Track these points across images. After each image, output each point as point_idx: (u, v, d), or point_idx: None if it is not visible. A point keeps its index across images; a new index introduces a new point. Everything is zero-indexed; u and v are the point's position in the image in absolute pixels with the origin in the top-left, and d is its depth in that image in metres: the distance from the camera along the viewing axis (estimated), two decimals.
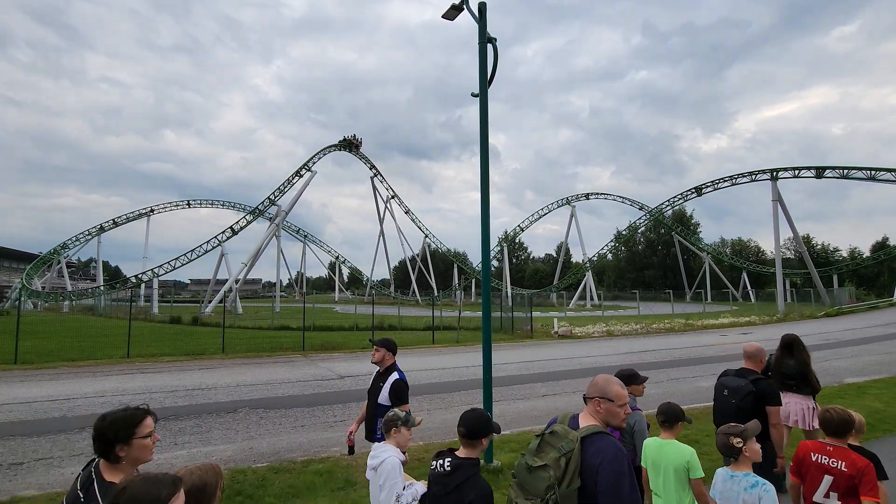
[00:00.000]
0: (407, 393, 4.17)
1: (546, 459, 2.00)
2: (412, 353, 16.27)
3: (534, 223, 58.97)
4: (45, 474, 5.46)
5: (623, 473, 1.91)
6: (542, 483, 1.95)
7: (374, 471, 2.84)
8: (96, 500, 1.72)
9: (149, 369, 12.80)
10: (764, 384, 3.91)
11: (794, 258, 66.19)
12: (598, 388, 2.19)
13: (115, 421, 1.83)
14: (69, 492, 1.84)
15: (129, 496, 1.36)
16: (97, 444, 1.83)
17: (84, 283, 73.43)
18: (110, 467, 1.82)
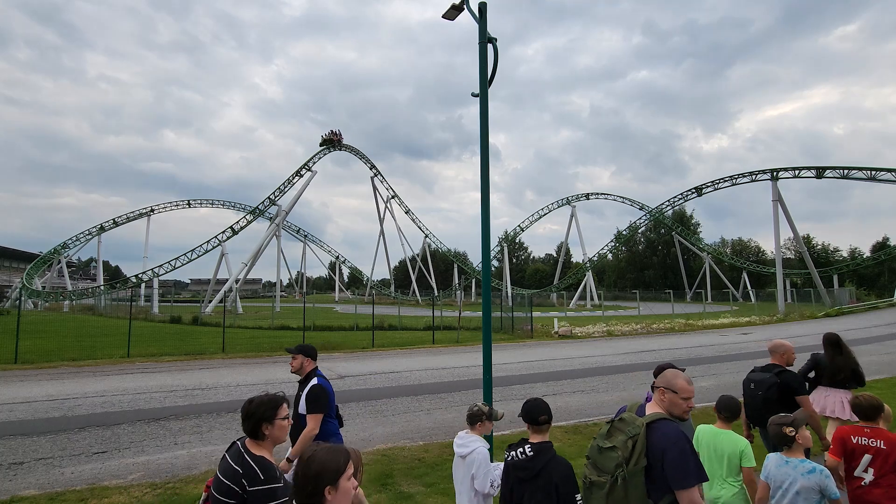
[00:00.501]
0: (325, 399, 3.66)
1: (615, 442, 2.26)
2: (412, 353, 16.27)
3: (534, 223, 59.03)
4: (45, 474, 5.46)
5: (687, 452, 2.15)
6: (611, 462, 2.22)
7: (462, 459, 3.12)
8: (252, 468, 2.01)
9: (149, 369, 12.80)
10: (788, 376, 4.15)
11: (794, 258, 66.21)
12: (666, 379, 2.42)
13: (261, 404, 2.16)
14: (222, 466, 2.13)
15: (319, 461, 1.60)
16: (247, 423, 2.17)
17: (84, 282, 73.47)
18: (256, 444, 2.15)
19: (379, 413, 8.27)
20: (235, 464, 2.05)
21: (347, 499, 1.61)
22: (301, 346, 4.00)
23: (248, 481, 1.98)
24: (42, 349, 15.38)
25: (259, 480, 1.97)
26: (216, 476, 2.12)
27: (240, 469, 2.03)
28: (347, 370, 12.57)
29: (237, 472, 2.02)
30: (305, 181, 46.65)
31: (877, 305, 38.25)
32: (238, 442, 2.20)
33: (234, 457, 2.10)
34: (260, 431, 2.15)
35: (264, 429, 2.15)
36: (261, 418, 2.15)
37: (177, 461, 5.87)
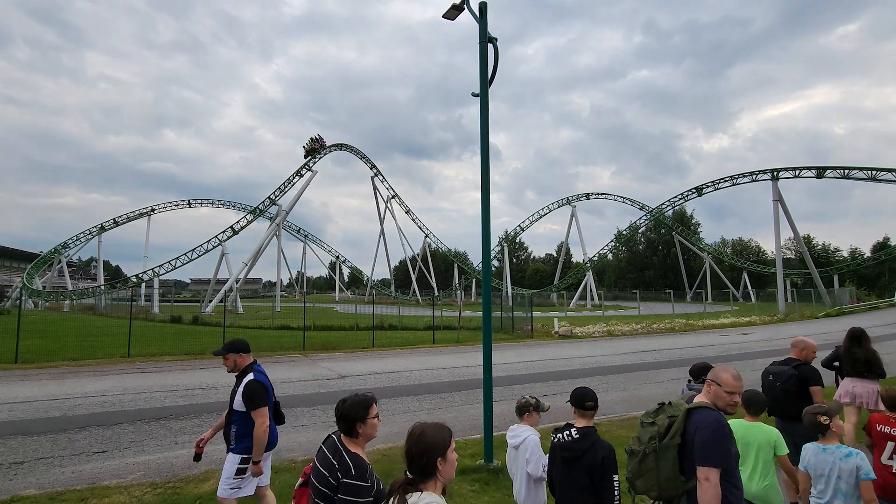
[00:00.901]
0: (263, 394, 3.60)
1: (656, 419, 2.60)
2: (413, 353, 16.27)
3: (534, 223, 59.02)
4: (45, 473, 5.47)
5: (717, 437, 2.37)
6: (647, 434, 2.57)
7: (515, 449, 3.39)
8: (347, 464, 2.22)
9: (149, 369, 12.80)
10: (806, 369, 4.40)
11: (794, 258, 66.19)
12: (713, 373, 2.66)
13: (354, 405, 2.34)
14: (320, 457, 2.37)
15: (430, 435, 1.83)
16: (342, 423, 2.36)
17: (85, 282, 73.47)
18: (351, 441, 2.35)
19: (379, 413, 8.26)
20: (333, 457, 2.28)
21: (454, 468, 1.84)
22: (228, 344, 3.80)
23: (342, 474, 2.21)
24: (42, 349, 15.38)
25: (351, 475, 2.18)
26: (315, 465, 2.36)
27: (336, 463, 2.25)
28: (348, 370, 12.57)
29: (333, 465, 2.25)
30: (306, 181, 46.67)
31: (877, 305, 38.23)
32: (334, 436, 2.41)
33: (332, 451, 2.32)
34: (354, 430, 2.34)
35: (358, 427, 2.34)
36: (355, 418, 2.33)
37: (177, 461, 5.88)
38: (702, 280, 62.57)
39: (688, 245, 64.85)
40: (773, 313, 32.44)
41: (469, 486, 4.91)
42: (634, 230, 62.65)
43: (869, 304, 39.07)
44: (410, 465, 1.81)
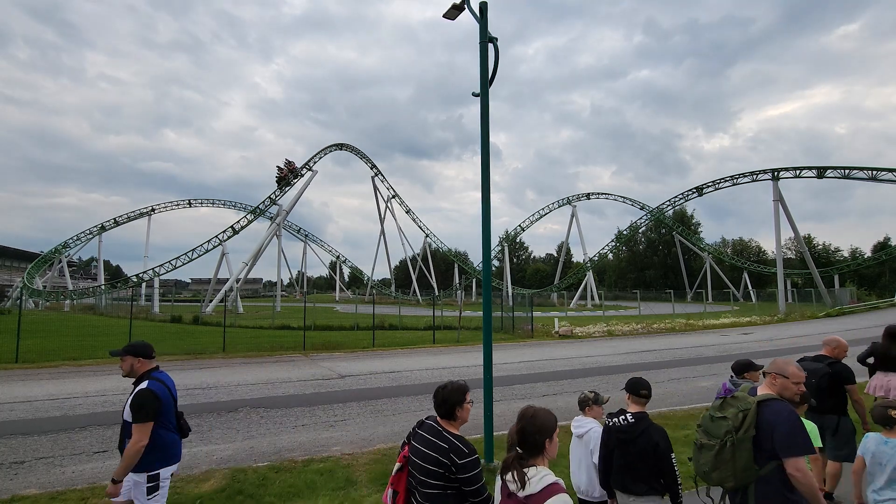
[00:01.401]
0: (152, 406, 3.18)
1: (726, 413, 2.71)
2: (413, 353, 16.27)
3: (535, 223, 59.03)
4: (46, 473, 5.47)
5: (796, 427, 2.51)
6: (722, 429, 2.67)
7: (579, 438, 3.64)
8: (456, 444, 2.39)
9: None
10: (839, 367, 4.52)
11: (795, 258, 66.17)
12: (778, 366, 2.81)
13: (453, 391, 2.54)
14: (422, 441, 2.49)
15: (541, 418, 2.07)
16: (442, 407, 2.53)
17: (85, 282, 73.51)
18: (450, 423, 2.52)
19: (379, 413, 8.27)
20: (440, 441, 2.42)
21: (556, 449, 2.10)
22: (130, 345, 3.42)
23: (457, 455, 2.35)
24: (43, 348, 15.39)
25: (465, 454, 2.36)
26: (417, 449, 2.49)
27: (445, 445, 2.39)
28: (348, 370, 12.57)
29: (444, 447, 2.39)
30: (306, 181, 46.64)
31: (878, 305, 38.21)
32: (429, 421, 2.57)
33: (435, 434, 2.46)
34: (454, 413, 2.53)
35: (457, 411, 2.53)
36: (454, 402, 2.52)
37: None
38: (702, 280, 62.55)
39: (688, 245, 64.83)
40: (773, 313, 32.43)
41: None
42: (635, 230, 62.63)
43: (869, 304, 39.05)
44: (523, 443, 2.05)
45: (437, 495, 2.36)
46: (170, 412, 3.36)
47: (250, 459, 5.88)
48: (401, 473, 2.58)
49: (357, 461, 5.62)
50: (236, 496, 4.69)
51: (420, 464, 2.43)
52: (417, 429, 2.61)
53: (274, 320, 27.00)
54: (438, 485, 2.37)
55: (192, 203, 55.45)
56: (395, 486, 2.60)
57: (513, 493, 1.99)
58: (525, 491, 1.94)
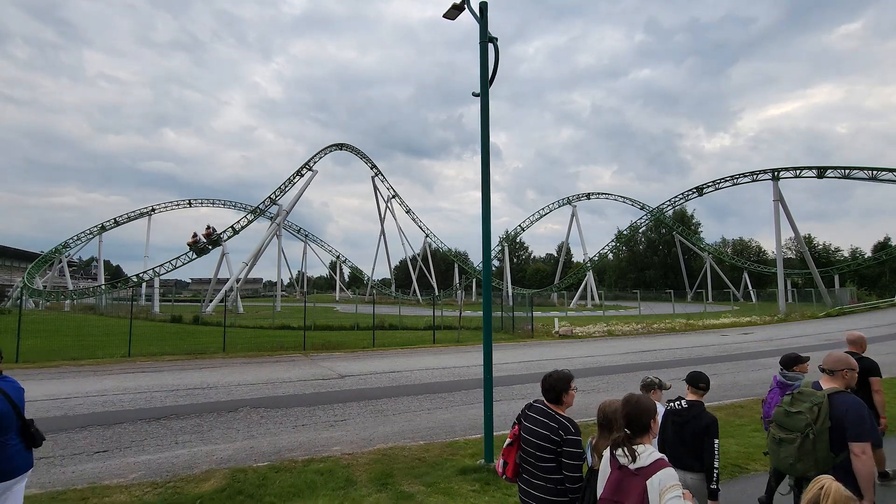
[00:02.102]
0: None
1: (801, 408, 3.06)
2: (413, 353, 16.27)
3: (535, 223, 59.04)
4: (46, 473, 5.47)
5: (864, 416, 2.90)
6: (800, 422, 3.02)
7: None
8: (564, 423, 2.78)
9: (150, 368, 12.81)
10: (868, 361, 4.94)
11: (795, 258, 66.14)
12: (844, 362, 3.17)
13: (559, 379, 2.95)
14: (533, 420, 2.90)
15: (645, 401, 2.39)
16: (550, 393, 2.95)
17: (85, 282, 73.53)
18: (557, 406, 2.92)
19: (379, 413, 8.27)
20: (549, 420, 2.83)
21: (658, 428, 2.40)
22: None
23: (564, 432, 2.74)
24: (43, 348, 15.40)
25: (571, 432, 2.75)
26: (530, 428, 2.90)
27: (555, 424, 2.79)
28: (348, 370, 12.57)
29: (553, 426, 2.79)
30: (306, 181, 46.66)
31: (878, 305, 38.20)
32: (538, 405, 2.99)
33: (544, 415, 2.89)
34: (560, 398, 2.93)
35: (563, 396, 2.93)
36: (561, 389, 2.93)
37: (178, 460, 5.88)
38: (702, 280, 62.54)
39: (688, 245, 64.83)
40: (773, 313, 32.43)
41: (469, 485, 4.91)
42: (635, 230, 62.63)
43: (869, 304, 39.03)
44: (630, 424, 2.34)
45: (549, 467, 2.79)
46: (11, 422, 3.04)
47: (250, 459, 5.88)
48: (511, 447, 3.05)
49: (357, 461, 5.62)
50: (236, 496, 4.70)
51: (533, 440, 2.86)
52: (527, 411, 3.03)
53: (274, 320, 27.00)
54: (550, 457, 2.79)
55: (192, 203, 55.47)
56: (506, 457, 3.07)
57: (623, 466, 2.29)
58: (636, 464, 2.23)
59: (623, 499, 2.23)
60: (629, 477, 2.24)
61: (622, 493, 2.24)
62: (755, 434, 6.57)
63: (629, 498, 2.20)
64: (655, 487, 2.13)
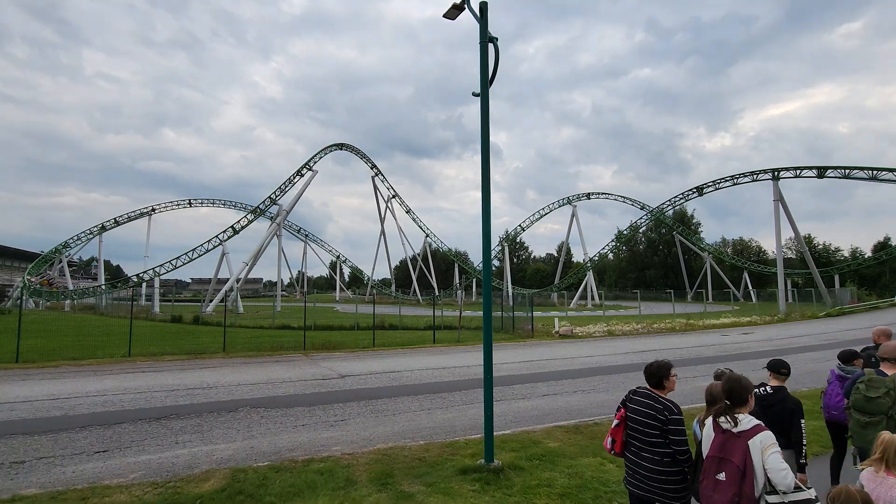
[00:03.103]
0: None
1: (878, 393, 3.73)
2: (413, 353, 16.27)
3: (535, 222, 59.07)
4: (46, 473, 5.47)
5: None
6: (883, 406, 3.68)
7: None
8: (668, 405, 3.19)
9: (150, 368, 12.82)
10: None
11: (795, 258, 66.13)
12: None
13: (660, 367, 3.40)
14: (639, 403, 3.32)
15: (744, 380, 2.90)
16: (653, 378, 3.38)
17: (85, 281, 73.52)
18: (659, 391, 3.33)
19: (379, 412, 8.27)
20: (654, 402, 3.24)
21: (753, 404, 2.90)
22: None
23: (668, 413, 3.15)
24: (43, 348, 15.40)
25: (674, 412, 3.16)
26: (637, 409, 3.33)
27: (659, 405, 3.20)
28: (348, 369, 12.58)
29: (658, 407, 3.20)
30: (306, 181, 46.69)
31: (878, 305, 38.20)
32: (642, 390, 3.42)
33: (649, 398, 3.30)
34: (662, 384, 3.35)
35: (664, 381, 3.35)
36: (662, 375, 3.36)
37: (178, 460, 5.88)
38: (702, 280, 62.55)
39: (688, 245, 64.84)
40: (773, 313, 32.43)
41: (469, 485, 4.91)
42: (635, 230, 62.66)
43: (869, 303, 39.03)
44: (730, 397, 2.84)
45: (656, 442, 3.20)
46: None
47: (250, 459, 5.88)
48: (618, 427, 3.46)
49: (357, 461, 5.62)
50: (237, 496, 4.70)
51: (641, 419, 3.28)
52: (632, 395, 3.47)
53: (274, 320, 27.01)
54: (656, 433, 3.19)
55: (193, 203, 55.51)
56: (614, 436, 3.48)
57: (727, 430, 2.76)
58: (738, 428, 2.72)
59: (728, 455, 2.69)
60: (732, 439, 2.72)
61: (727, 452, 2.71)
62: None
63: (735, 455, 2.66)
64: (757, 446, 2.61)
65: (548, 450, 5.97)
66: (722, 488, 2.67)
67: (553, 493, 4.75)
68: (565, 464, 5.52)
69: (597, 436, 6.57)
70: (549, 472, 5.25)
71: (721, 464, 2.72)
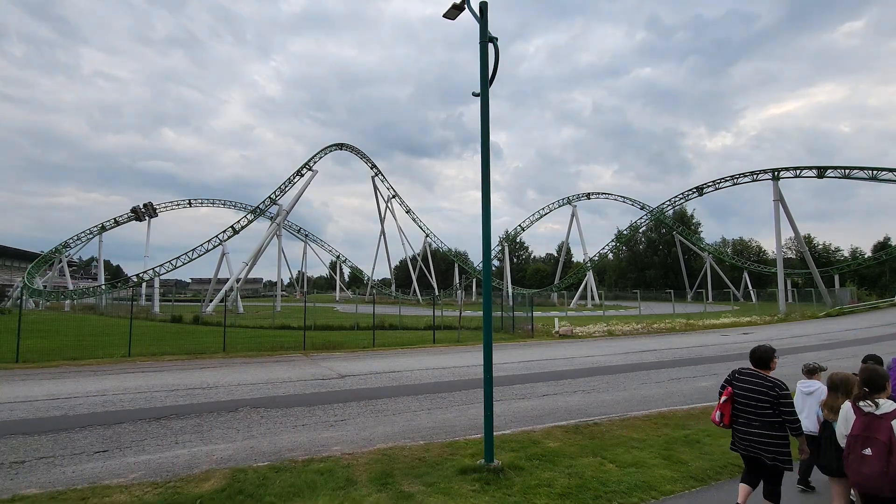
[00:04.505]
0: None
1: None
2: (413, 353, 16.27)
3: (535, 222, 59.09)
4: (46, 473, 5.47)
5: None
6: None
7: (808, 395, 4.84)
8: (777, 382, 3.81)
9: (150, 368, 12.82)
10: None
11: (795, 258, 66.16)
12: None
13: (765, 350, 4.03)
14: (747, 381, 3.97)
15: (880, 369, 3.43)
16: (760, 361, 4.01)
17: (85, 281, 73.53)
18: (766, 371, 3.97)
19: (379, 412, 8.27)
20: (763, 380, 3.86)
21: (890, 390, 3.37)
22: None
23: (778, 389, 3.75)
24: (43, 348, 15.41)
25: (783, 388, 3.75)
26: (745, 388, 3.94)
27: (769, 383, 3.82)
28: (348, 369, 12.58)
29: (768, 384, 3.82)
30: (306, 181, 46.70)
31: (878, 305, 38.21)
32: (746, 369, 4.06)
33: (756, 377, 3.93)
34: (767, 365, 3.97)
35: (769, 363, 3.98)
36: (767, 358, 4.00)
37: (178, 460, 5.88)
38: (702, 280, 62.57)
39: (688, 245, 64.85)
40: (773, 313, 32.44)
41: (469, 485, 4.91)
42: (635, 230, 62.68)
43: (869, 303, 39.04)
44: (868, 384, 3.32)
45: (767, 413, 3.77)
46: None
47: (250, 459, 5.88)
48: (726, 403, 4.01)
49: (357, 461, 5.62)
50: (237, 496, 4.69)
51: (752, 395, 3.87)
52: (738, 375, 4.06)
53: (274, 320, 27.01)
54: (766, 406, 3.79)
55: (192, 203, 55.54)
56: (722, 410, 4.04)
57: (868, 413, 3.19)
58: (880, 410, 3.16)
59: (874, 434, 3.13)
60: (876, 420, 3.16)
61: (872, 431, 3.15)
62: None
63: (880, 433, 3.10)
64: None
65: (548, 450, 5.97)
66: (869, 462, 3.13)
67: (553, 493, 4.75)
68: (565, 464, 5.52)
69: (597, 436, 6.57)
70: (549, 472, 5.25)
71: (866, 441, 3.17)
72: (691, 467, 5.41)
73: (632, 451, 5.95)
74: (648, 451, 5.95)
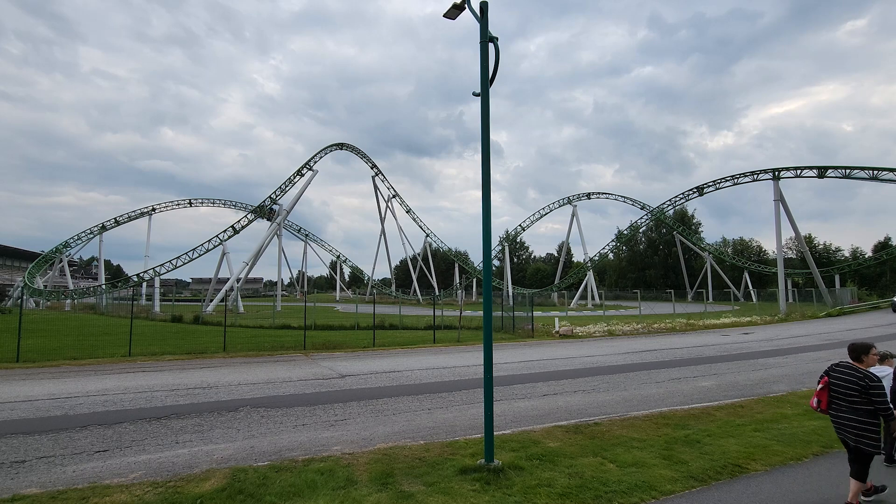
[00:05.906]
0: None
1: None
2: (413, 353, 16.27)
3: (535, 222, 59.13)
4: (46, 472, 5.47)
5: None
6: None
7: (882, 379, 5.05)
8: (869, 374, 4.19)
9: (150, 368, 12.82)
10: None
11: (796, 258, 66.14)
12: None
13: (860, 346, 4.40)
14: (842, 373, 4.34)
15: None
16: (854, 354, 4.40)
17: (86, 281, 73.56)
18: (859, 364, 4.33)
19: (380, 412, 8.27)
20: (857, 372, 4.23)
21: None
22: None
23: (869, 381, 4.13)
24: (44, 348, 15.42)
25: (875, 380, 4.14)
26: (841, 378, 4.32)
27: (861, 374, 4.19)
28: (348, 369, 12.58)
29: (860, 375, 4.19)
30: (306, 180, 46.69)
31: (878, 305, 38.20)
32: (844, 362, 4.42)
33: (851, 369, 4.30)
34: (861, 359, 4.37)
35: (864, 357, 4.37)
36: (862, 352, 4.37)
37: (178, 460, 5.88)
38: (703, 280, 62.56)
39: (689, 245, 64.85)
40: (774, 313, 32.42)
41: (469, 485, 4.91)
42: (635, 230, 62.65)
43: (870, 303, 39.03)
44: None
45: (859, 401, 4.17)
46: None
47: (251, 459, 5.88)
48: (822, 391, 4.42)
49: (358, 461, 5.62)
50: (237, 496, 4.69)
51: (846, 384, 4.27)
52: (835, 367, 4.46)
53: (274, 320, 27.02)
54: (858, 395, 4.16)
55: (193, 202, 55.57)
56: (819, 397, 4.45)
57: None
58: None
59: None
60: None
61: None
62: (755, 434, 6.57)
63: None
64: None
65: (548, 450, 5.97)
66: None
67: (553, 492, 4.75)
68: (565, 464, 5.52)
69: (597, 436, 6.57)
70: (549, 472, 5.25)
71: None
72: (691, 467, 5.40)
73: (632, 450, 5.95)
74: (648, 450, 5.95)
